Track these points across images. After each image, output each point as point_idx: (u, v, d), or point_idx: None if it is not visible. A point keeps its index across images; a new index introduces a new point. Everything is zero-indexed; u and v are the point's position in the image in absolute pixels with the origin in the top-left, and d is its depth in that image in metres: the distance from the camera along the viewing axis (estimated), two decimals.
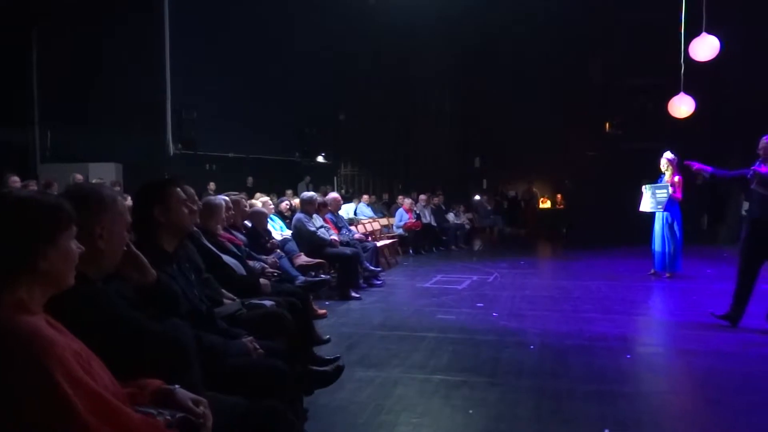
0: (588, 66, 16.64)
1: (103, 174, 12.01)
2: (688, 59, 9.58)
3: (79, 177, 10.34)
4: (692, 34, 9.43)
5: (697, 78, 10.32)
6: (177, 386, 1.60)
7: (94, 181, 10.64)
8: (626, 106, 15.91)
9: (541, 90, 16.67)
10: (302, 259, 6.26)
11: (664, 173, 8.20)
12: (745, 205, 15.01)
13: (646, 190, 8.31)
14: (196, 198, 3.83)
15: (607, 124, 16.54)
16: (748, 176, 5.24)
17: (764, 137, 5.25)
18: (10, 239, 1.32)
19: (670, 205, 7.99)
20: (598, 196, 14.73)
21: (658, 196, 8.09)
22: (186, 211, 2.46)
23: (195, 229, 3.61)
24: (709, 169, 5.63)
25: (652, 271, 8.44)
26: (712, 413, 3.52)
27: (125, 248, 1.84)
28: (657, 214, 8.17)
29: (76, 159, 12.73)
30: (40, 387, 1.20)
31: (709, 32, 9.26)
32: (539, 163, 17.76)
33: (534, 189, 18.44)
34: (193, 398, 1.58)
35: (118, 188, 10.71)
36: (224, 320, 2.85)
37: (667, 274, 8.16)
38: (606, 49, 15.96)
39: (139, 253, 1.92)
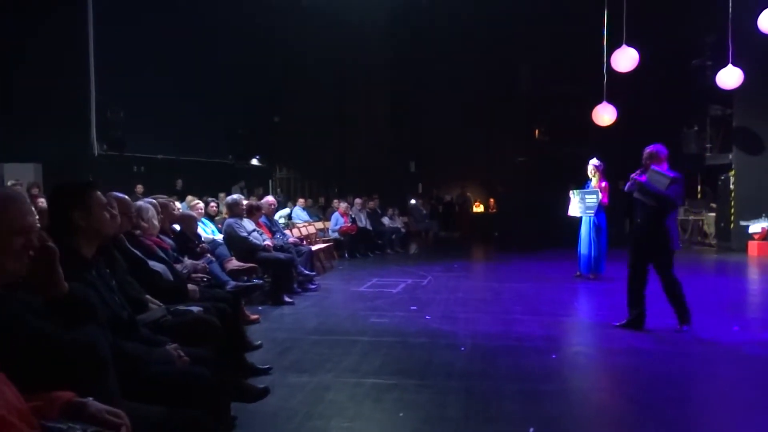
0: (517, 74, 17.19)
1: (21, 175, 11.37)
2: (610, 69, 10.09)
3: None
4: (614, 45, 9.95)
5: (619, 87, 10.86)
6: (90, 398, 1.53)
7: (9, 183, 10.06)
8: (553, 114, 16.53)
9: (473, 96, 17.08)
10: (233, 263, 6.14)
11: (591, 179, 8.54)
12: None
13: (574, 196, 8.64)
14: (129, 202, 3.72)
15: (537, 131, 17.13)
16: (626, 186, 5.51)
17: (647, 148, 5.50)
18: None
19: (597, 209, 8.32)
20: (528, 201, 15.22)
21: (587, 201, 8.41)
22: (107, 215, 2.36)
23: (119, 233, 3.49)
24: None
25: (578, 273, 8.78)
26: (631, 409, 3.70)
27: (33, 257, 1.72)
28: (584, 218, 8.50)
29: None
30: None
31: (629, 45, 9.79)
32: (472, 168, 18.22)
33: (468, 193, 18.86)
34: (109, 410, 1.51)
35: (35, 189, 10.16)
36: (148, 327, 2.75)
37: (592, 276, 8.52)
38: (534, 57, 16.54)
39: (54, 263, 1.81)
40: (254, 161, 17.96)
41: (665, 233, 5.24)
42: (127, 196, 3.84)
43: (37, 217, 1.75)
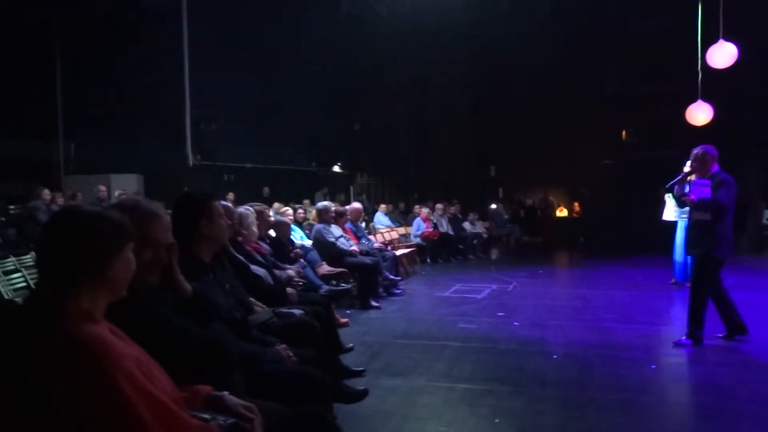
0: (604, 73, 16.62)
1: (125, 185, 12.22)
2: (706, 66, 9.57)
3: (103, 188, 10.53)
4: (709, 41, 9.43)
5: (715, 85, 10.28)
6: (226, 392, 1.66)
7: (116, 193, 10.83)
8: (643, 114, 15.84)
9: (556, 98, 16.67)
10: (324, 268, 6.33)
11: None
12: (766, 214, 14.89)
13: (670, 199, 8.27)
14: (233, 210, 3.96)
15: (624, 132, 16.49)
16: (667, 186, 5.27)
17: (695, 149, 5.15)
18: (82, 249, 1.41)
19: None
20: (615, 205, 14.66)
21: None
22: (225, 224, 2.53)
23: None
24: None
25: (673, 280, 8.39)
26: (737, 425, 3.51)
27: (165, 263, 1.89)
28: (679, 223, 8.12)
29: (99, 170, 12.99)
30: (108, 398, 1.26)
31: (726, 39, 9.25)
32: (555, 172, 17.75)
33: (550, 197, 18.41)
34: (243, 404, 1.63)
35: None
36: (257, 328, 2.91)
37: (688, 284, 8.09)
38: (621, 56, 15.94)
39: (175, 269, 1.98)
40: (336, 168, 18.37)
41: (713, 239, 4.92)
42: (230, 205, 4.08)
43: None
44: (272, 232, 5.63)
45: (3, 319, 2.23)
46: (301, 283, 4.75)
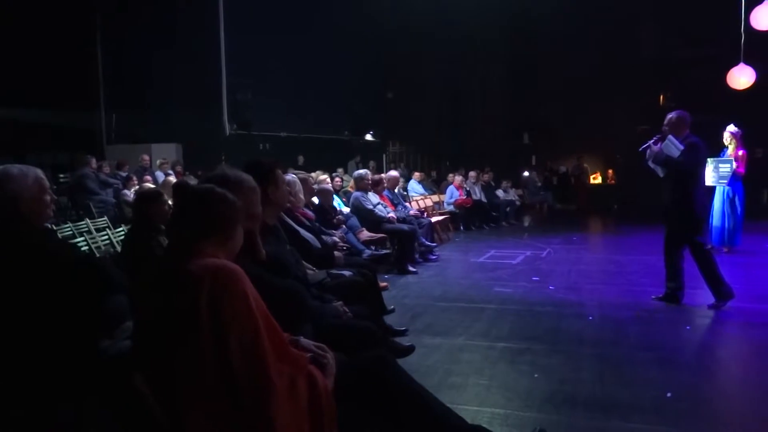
0: (641, 37, 16.24)
1: (165, 154, 12.60)
2: (749, 28, 9.32)
3: (146, 158, 10.89)
4: (754, 1, 9.17)
5: (758, 48, 10.02)
6: (301, 337, 1.88)
7: (158, 162, 11.19)
8: (682, 78, 15.49)
9: (591, 63, 16.38)
10: (365, 234, 6.54)
11: (727, 147, 8.09)
12: None
13: (708, 164, 8.21)
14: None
15: (662, 97, 16.17)
16: (640, 149, 5.39)
17: (669, 114, 5.36)
18: (214, 222, 1.70)
19: (732, 179, 7.92)
20: (651, 171, 14.50)
21: (721, 170, 8.01)
22: (286, 190, 2.74)
23: None
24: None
25: (710, 245, 8.38)
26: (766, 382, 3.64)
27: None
28: (717, 189, 8.10)
29: (139, 140, 13.39)
30: (243, 309, 1.53)
31: None
32: (589, 138, 17.54)
33: (584, 164, 18.24)
34: (317, 345, 1.85)
35: (179, 167, 11.24)
36: (314, 287, 3.14)
37: (725, 249, 8.11)
38: (660, 19, 15.53)
39: (256, 234, 2.20)
40: (368, 136, 18.48)
41: (688, 201, 5.06)
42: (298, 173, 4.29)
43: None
44: (315, 200, 5.84)
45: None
46: (345, 248, 4.96)
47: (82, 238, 5.44)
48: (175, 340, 1.50)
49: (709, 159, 8.24)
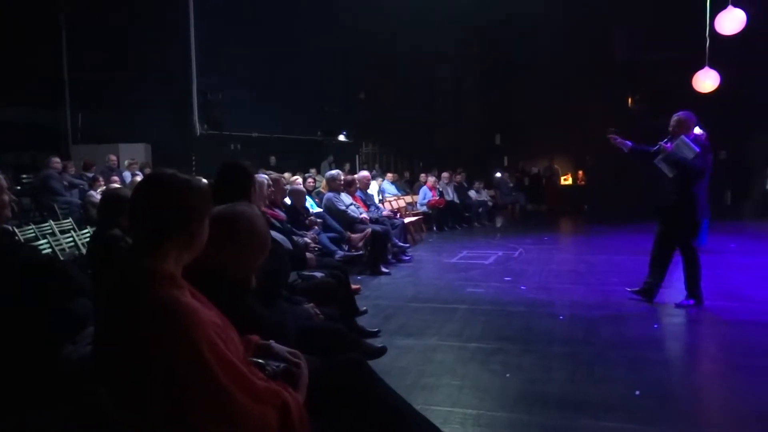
0: (611, 40, 16.50)
1: (134, 154, 12.35)
2: (714, 33, 9.54)
3: (113, 158, 10.66)
4: (718, 7, 9.39)
5: (722, 52, 10.27)
6: (272, 341, 1.84)
7: (126, 162, 10.97)
8: (649, 81, 15.80)
9: (562, 66, 16.60)
10: (357, 236, 6.54)
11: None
12: None
13: None
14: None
15: (630, 100, 16.46)
16: (651, 150, 5.34)
17: (675, 114, 5.33)
18: (177, 213, 1.54)
19: None
20: (620, 173, 14.74)
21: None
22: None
23: None
24: (628, 143, 5.66)
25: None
26: (735, 378, 3.71)
27: None
28: None
29: (107, 140, 13.10)
30: (193, 363, 1.39)
31: (735, 5, 9.21)
32: (560, 140, 17.76)
33: (555, 165, 18.48)
34: (289, 350, 1.81)
35: (148, 168, 11.03)
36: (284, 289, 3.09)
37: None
38: (629, 23, 15.81)
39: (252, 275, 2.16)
40: (341, 137, 18.42)
41: (691, 203, 5.12)
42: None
43: None
44: (288, 200, 5.78)
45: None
46: (317, 249, 4.92)
47: (45, 241, 5.28)
48: (127, 374, 1.41)
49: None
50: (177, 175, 1.59)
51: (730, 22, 9.29)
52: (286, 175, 9.93)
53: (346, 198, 7.71)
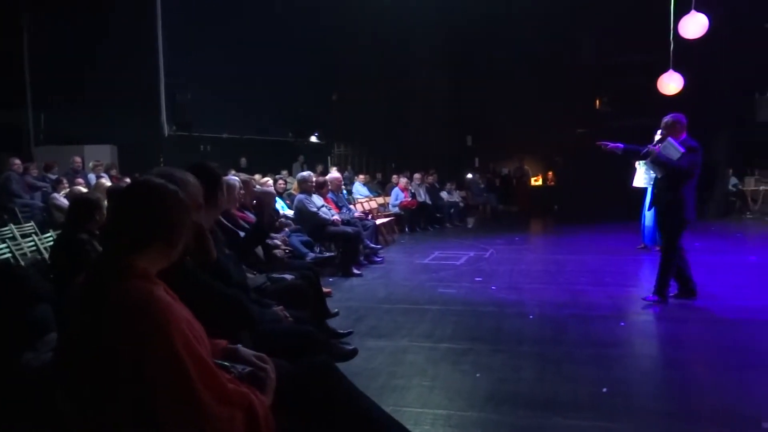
0: (579, 44, 16.78)
1: (99, 156, 12.09)
2: (678, 37, 9.77)
3: (78, 159, 10.43)
4: (681, 11, 9.62)
5: (686, 55, 10.51)
6: (239, 345, 1.81)
7: (90, 164, 10.73)
8: (616, 84, 16.11)
9: (531, 68, 16.81)
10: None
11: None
12: (733, 180, 15.37)
13: (640, 166, 8.54)
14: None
15: (598, 101, 16.76)
16: (642, 151, 5.47)
17: (665, 117, 5.44)
18: (162, 221, 1.54)
19: None
20: (589, 173, 14.98)
21: (652, 173, 8.31)
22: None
23: None
24: (620, 146, 5.73)
25: (642, 245, 8.73)
26: (699, 374, 3.80)
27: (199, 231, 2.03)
28: (648, 190, 8.41)
29: (71, 141, 12.80)
30: (165, 356, 1.37)
31: (698, 10, 9.45)
32: (530, 142, 17.99)
33: (525, 166, 18.70)
34: (256, 354, 1.79)
35: (114, 170, 10.81)
36: (253, 292, 3.05)
37: (657, 248, 8.44)
38: (597, 26, 16.10)
39: (208, 236, 2.12)
40: (313, 138, 18.33)
41: (679, 201, 5.23)
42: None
43: None
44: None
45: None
46: (287, 251, 4.88)
47: (5, 245, 5.12)
48: (94, 371, 1.38)
49: (639, 162, 8.59)
50: (167, 185, 1.58)
51: (694, 26, 9.52)
52: (257, 176, 9.85)
53: (317, 200, 7.67)
